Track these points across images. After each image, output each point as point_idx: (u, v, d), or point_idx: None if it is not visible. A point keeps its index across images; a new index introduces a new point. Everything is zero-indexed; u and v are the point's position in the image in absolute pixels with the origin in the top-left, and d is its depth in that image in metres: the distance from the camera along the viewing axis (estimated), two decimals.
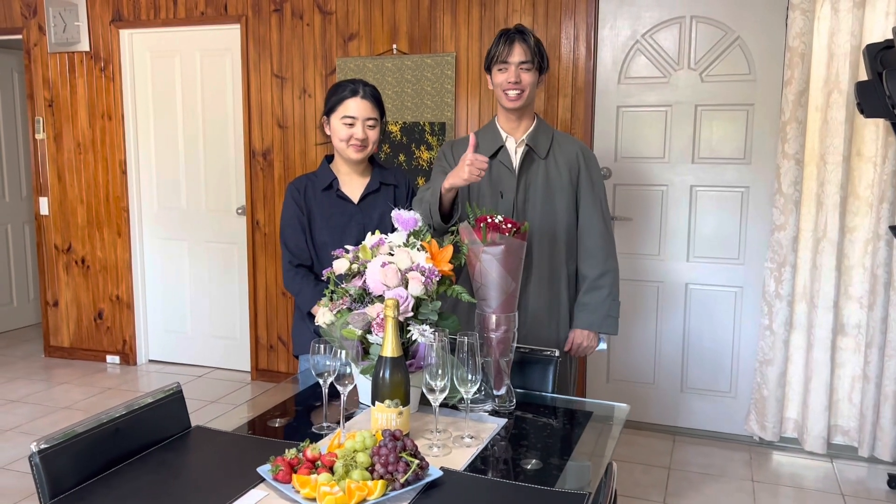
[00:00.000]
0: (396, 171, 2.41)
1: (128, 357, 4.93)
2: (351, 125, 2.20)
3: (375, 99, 2.24)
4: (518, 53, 2.23)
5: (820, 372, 3.43)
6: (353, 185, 2.32)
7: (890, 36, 3.14)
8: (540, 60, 2.26)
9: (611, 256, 2.37)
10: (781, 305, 3.46)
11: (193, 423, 1.72)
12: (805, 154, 3.39)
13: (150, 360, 5.01)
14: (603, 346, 2.41)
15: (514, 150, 2.34)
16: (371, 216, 2.27)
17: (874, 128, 3.28)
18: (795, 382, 3.54)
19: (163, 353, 4.99)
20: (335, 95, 2.23)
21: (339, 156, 2.28)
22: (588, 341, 2.36)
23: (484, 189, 2.32)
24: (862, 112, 3.02)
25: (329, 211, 2.27)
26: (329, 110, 2.24)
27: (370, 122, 2.22)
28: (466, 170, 2.01)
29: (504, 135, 2.34)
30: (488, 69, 2.30)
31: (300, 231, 2.27)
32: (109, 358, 4.98)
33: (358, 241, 2.11)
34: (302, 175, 2.34)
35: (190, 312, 4.88)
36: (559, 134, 2.39)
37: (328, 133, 2.27)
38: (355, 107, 2.20)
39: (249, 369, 4.72)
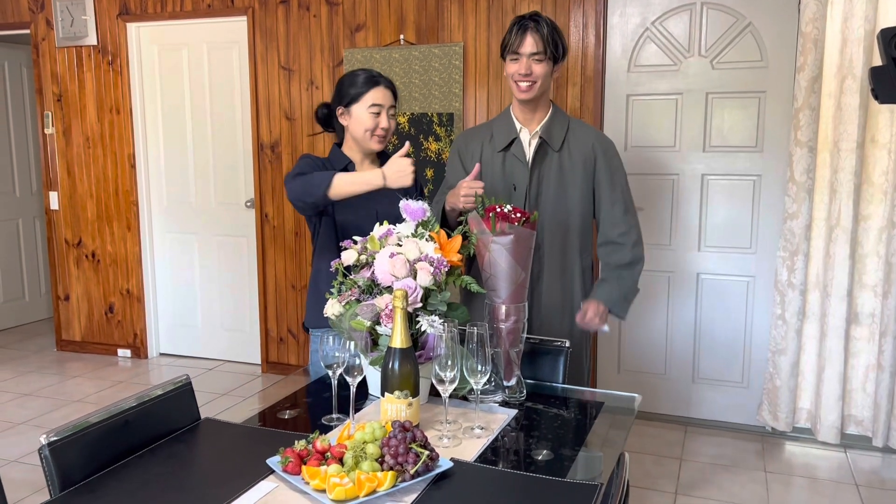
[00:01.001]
0: None
1: (139, 350, 4.95)
2: (377, 114, 2.18)
3: (393, 87, 2.24)
4: (529, 44, 2.17)
5: (833, 361, 3.40)
6: None
7: None
8: (554, 50, 2.18)
9: (638, 244, 2.30)
10: (794, 295, 3.42)
11: (203, 415, 1.72)
12: (818, 141, 3.35)
13: (161, 354, 5.03)
14: (606, 328, 2.33)
15: (528, 142, 2.30)
16: (383, 204, 2.25)
17: (889, 114, 3.23)
18: (808, 372, 3.51)
19: (173, 347, 5.01)
20: (355, 86, 2.19)
21: (355, 145, 2.25)
22: (599, 317, 2.24)
23: (497, 182, 2.30)
24: (876, 98, 2.96)
25: None
26: (352, 100, 2.20)
27: (391, 112, 2.22)
28: (462, 200, 2.07)
29: (518, 126, 2.31)
30: (503, 57, 2.27)
31: (317, 169, 2.15)
32: (120, 351, 5.00)
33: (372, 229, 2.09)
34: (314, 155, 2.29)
35: (200, 306, 4.89)
36: (575, 123, 2.33)
37: (344, 123, 2.23)
38: (382, 95, 2.19)
39: (260, 362, 4.73)
